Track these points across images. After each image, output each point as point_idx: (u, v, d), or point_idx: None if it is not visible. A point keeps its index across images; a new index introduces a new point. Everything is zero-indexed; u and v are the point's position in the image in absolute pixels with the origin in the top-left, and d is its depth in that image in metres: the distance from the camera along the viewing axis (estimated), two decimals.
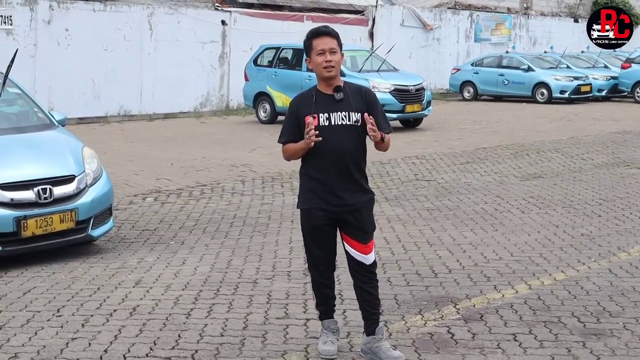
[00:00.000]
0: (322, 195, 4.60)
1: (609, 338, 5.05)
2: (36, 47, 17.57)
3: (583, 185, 10.74)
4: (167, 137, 15.86)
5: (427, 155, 13.36)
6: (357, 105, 4.58)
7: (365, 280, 4.69)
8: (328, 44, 4.53)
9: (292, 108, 4.68)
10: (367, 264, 4.67)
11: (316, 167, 4.60)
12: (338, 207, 4.59)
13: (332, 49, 4.53)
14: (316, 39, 4.56)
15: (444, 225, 8.36)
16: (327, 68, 4.52)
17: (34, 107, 8.14)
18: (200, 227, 8.32)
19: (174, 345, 4.93)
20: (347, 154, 4.55)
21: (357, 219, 4.62)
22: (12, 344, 4.95)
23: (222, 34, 21.55)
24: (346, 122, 4.55)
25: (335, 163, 4.54)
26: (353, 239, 4.64)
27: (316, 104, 4.56)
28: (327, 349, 4.72)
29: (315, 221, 4.63)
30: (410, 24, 27.66)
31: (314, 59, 4.55)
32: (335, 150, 4.52)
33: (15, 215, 6.64)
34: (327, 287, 4.78)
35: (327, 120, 4.53)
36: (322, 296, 4.79)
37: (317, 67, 4.54)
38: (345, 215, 4.61)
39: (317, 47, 4.53)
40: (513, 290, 6.06)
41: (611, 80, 26.20)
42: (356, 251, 4.65)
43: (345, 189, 4.58)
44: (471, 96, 26.01)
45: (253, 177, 11.38)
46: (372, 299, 4.72)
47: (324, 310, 4.82)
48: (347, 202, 4.59)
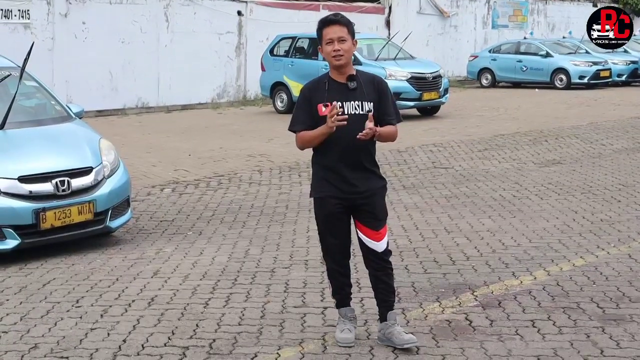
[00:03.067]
0: (335, 184, 4.60)
1: (628, 323, 5.02)
2: (54, 41, 17.65)
3: (602, 170, 10.66)
4: (185, 129, 15.90)
5: (445, 143, 13.31)
6: (369, 94, 4.57)
7: (378, 268, 4.70)
8: (337, 32, 4.51)
9: (304, 95, 4.65)
10: (379, 251, 4.67)
11: (329, 156, 4.58)
12: (351, 194, 4.60)
13: (341, 37, 4.51)
14: (325, 27, 4.55)
15: (461, 212, 8.32)
16: (336, 57, 4.51)
17: (51, 100, 8.18)
18: (217, 217, 8.34)
19: (191, 334, 4.95)
20: (359, 143, 4.53)
21: (370, 206, 4.63)
22: (32, 335, 4.99)
23: (238, 24, 21.54)
24: (359, 112, 4.54)
25: (347, 151, 4.54)
26: (365, 226, 4.65)
27: (329, 92, 4.55)
28: (344, 336, 4.73)
29: (329, 209, 4.63)
30: (427, 12, 27.52)
31: (324, 47, 4.55)
32: (348, 139, 4.50)
33: (34, 207, 6.69)
34: (343, 275, 4.79)
35: (340, 109, 4.51)
36: (338, 284, 4.79)
37: (327, 55, 4.55)
38: (358, 202, 4.62)
39: (326, 36, 4.53)
40: (531, 277, 6.03)
41: (631, 65, 25.96)
42: (368, 238, 4.66)
43: (357, 177, 4.59)
44: (489, 83, 25.85)
45: (270, 167, 11.38)
46: (385, 287, 4.73)
47: (340, 298, 4.82)
48: (359, 189, 4.60)
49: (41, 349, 4.75)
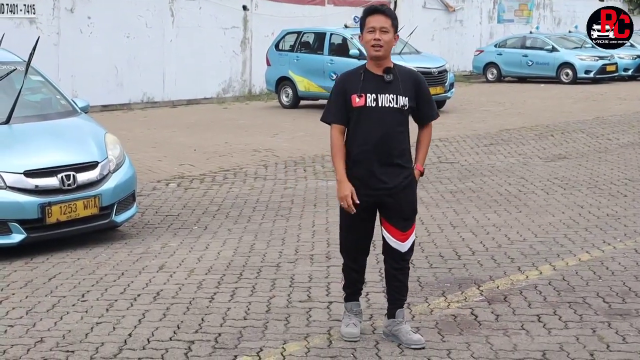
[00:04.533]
0: (361, 179, 4.49)
1: (634, 318, 5.01)
2: (59, 36, 17.65)
3: (608, 165, 10.63)
4: (190, 123, 15.91)
5: (450, 138, 13.29)
6: (406, 90, 4.50)
7: (396, 267, 4.66)
8: (380, 22, 4.44)
9: (338, 85, 4.56)
10: (403, 251, 4.62)
11: (358, 150, 4.49)
12: (379, 190, 4.50)
13: (384, 27, 4.44)
14: (370, 16, 4.48)
15: (467, 207, 8.31)
16: (375, 47, 4.43)
17: (57, 95, 8.18)
18: (223, 212, 8.34)
19: (197, 329, 4.95)
20: (391, 137, 4.47)
21: (398, 203, 4.54)
22: (38, 329, 5.00)
23: (244, 19, 21.52)
24: (393, 105, 4.46)
25: (378, 146, 4.45)
26: (391, 225, 4.58)
27: (364, 83, 4.46)
28: (350, 331, 4.71)
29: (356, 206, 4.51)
30: (432, 6, 27.45)
31: (364, 36, 4.47)
32: (379, 132, 4.43)
33: (39, 201, 6.70)
34: (356, 272, 4.73)
35: (374, 101, 4.45)
36: (351, 280, 4.75)
37: (366, 44, 4.47)
38: (386, 198, 4.52)
39: (369, 24, 4.45)
40: (537, 272, 6.02)
41: (637, 59, 25.89)
42: (393, 238, 4.59)
43: (386, 172, 4.49)
44: (495, 78, 25.79)
45: (276, 161, 11.38)
46: (399, 285, 4.70)
47: (351, 292, 4.79)
48: (388, 185, 4.50)
49: (47, 343, 4.76)
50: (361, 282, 4.81)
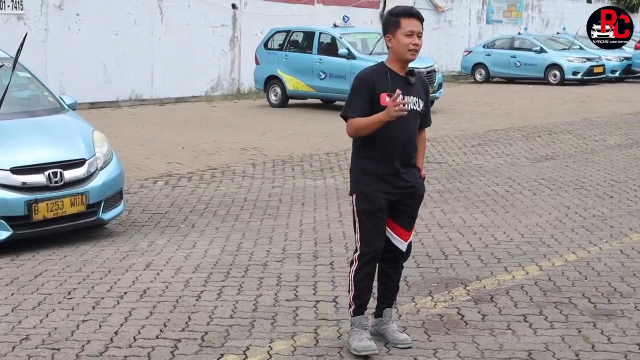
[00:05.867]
0: (385, 178, 4.45)
1: (619, 319, 5.04)
2: (47, 32, 17.58)
3: (595, 166, 10.68)
4: (178, 121, 15.88)
5: (439, 138, 13.32)
6: (421, 93, 4.54)
7: (391, 265, 4.65)
8: (418, 27, 4.42)
9: (365, 81, 4.45)
10: (403, 249, 4.61)
11: (381, 150, 4.44)
12: (401, 189, 4.49)
13: (420, 32, 4.43)
14: (406, 19, 4.42)
15: (454, 207, 8.33)
16: (412, 51, 4.39)
17: (44, 91, 8.15)
18: (210, 211, 8.33)
19: (183, 327, 4.95)
20: (411, 138, 4.50)
21: (412, 203, 4.56)
22: (24, 326, 4.98)
23: (233, 17, 21.49)
24: (416, 108, 4.48)
25: (402, 146, 4.45)
26: (399, 224, 4.56)
27: (392, 83, 4.41)
28: (366, 344, 4.48)
29: (380, 203, 4.45)
30: (421, 6, 27.42)
31: (401, 39, 4.39)
32: (404, 133, 4.43)
33: (26, 198, 6.67)
34: (372, 278, 4.57)
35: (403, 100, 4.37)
36: (364, 288, 4.52)
37: (402, 47, 4.40)
38: (404, 197, 4.51)
39: (407, 28, 4.39)
40: (523, 272, 6.05)
41: (624, 61, 26.02)
42: (398, 237, 4.57)
43: (407, 172, 4.51)
44: (483, 78, 25.87)
45: (264, 160, 11.38)
46: (392, 285, 4.69)
47: (361, 304, 4.55)
48: (409, 183, 4.51)
49: (32, 341, 4.74)
50: (371, 291, 4.60)
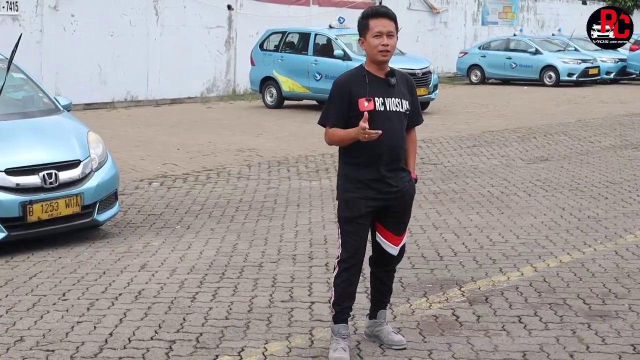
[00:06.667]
0: (369, 184, 4.34)
1: (614, 319, 5.05)
2: (42, 33, 17.55)
3: (590, 168, 10.70)
4: (174, 123, 15.86)
5: (434, 139, 13.33)
6: (405, 93, 4.41)
7: (383, 270, 4.59)
8: (386, 26, 4.29)
9: (341, 88, 4.33)
10: (394, 254, 4.54)
11: (365, 155, 4.31)
12: (387, 194, 4.36)
13: (390, 32, 4.28)
14: (374, 19, 4.30)
15: (450, 208, 8.34)
16: (383, 52, 4.27)
17: (39, 92, 8.14)
18: (206, 212, 8.33)
19: (178, 328, 4.94)
20: (399, 142, 4.37)
21: (402, 207, 4.44)
22: (18, 327, 4.97)
23: (229, 18, 21.49)
24: (399, 109, 4.34)
25: (388, 150, 4.32)
26: (388, 230, 4.47)
27: (370, 86, 4.30)
28: (338, 356, 4.38)
29: (360, 210, 4.34)
30: (417, 8, 27.54)
31: (370, 40, 4.29)
32: (389, 138, 4.28)
33: (20, 200, 6.66)
34: (353, 283, 4.45)
35: (382, 105, 4.29)
36: (344, 294, 4.43)
37: (372, 49, 4.28)
38: (391, 202, 4.39)
39: (375, 29, 4.27)
40: (518, 273, 6.05)
41: (619, 63, 26.07)
42: (388, 242, 4.49)
43: (394, 177, 4.38)
44: (478, 80, 25.91)
45: (259, 161, 11.37)
46: (384, 288, 4.66)
47: (341, 310, 4.45)
48: (396, 188, 4.38)
49: (27, 342, 4.73)
50: (353, 299, 4.51)
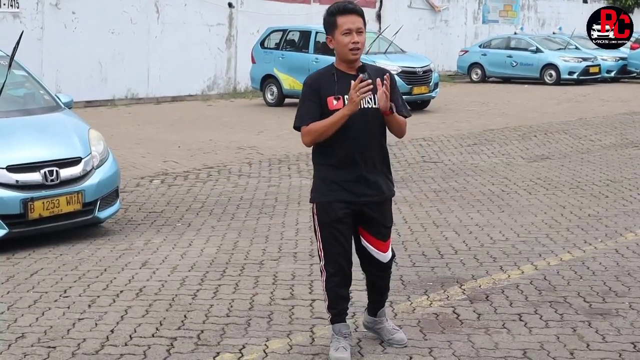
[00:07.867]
0: (345, 186, 4.21)
1: (614, 318, 5.05)
2: (43, 31, 17.56)
3: (590, 166, 10.70)
4: (174, 120, 15.87)
5: (434, 137, 13.33)
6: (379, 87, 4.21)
7: (379, 276, 4.52)
8: (355, 23, 4.15)
9: (311, 87, 4.22)
10: (385, 262, 4.45)
11: (340, 155, 4.19)
12: (363, 197, 4.24)
13: (359, 28, 4.15)
14: (342, 16, 4.15)
15: (450, 206, 8.35)
16: (353, 50, 4.14)
17: (40, 90, 8.14)
18: (206, 209, 8.33)
19: (179, 325, 4.95)
20: (374, 140, 4.23)
21: (381, 212, 4.33)
22: (20, 324, 4.98)
23: (229, 16, 21.49)
24: (372, 105, 4.18)
25: (362, 149, 4.19)
26: (372, 236, 4.36)
27: (339, 85, 4.18)
28: (339, 355, 4.31)
29: (336, 214, 4.22)
30: (417, 6, 27.52)
31: (339, 38, 4.15)
32: (362, 135, 4.16)
33: (22, 197, 6.66)
34: (344, 286, 4.36)
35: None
36: (336, 298, 4.34)
37: (342, 48, 4.15)
38: (369, 207, 4.27)
39: (343, 26, 4.13)
40: (519, 271, 6.06)
41: (620, 61, 26.07)
42: (375, 249, 4.39)
43: (369, 179, 4.24)
44: (479, 78, 25.91)
45: (260, 159, 11.38)
46: (382, 290, 4.63)
47: (337, 313, 4.37)
48: (372, 192, 4.26)
49: (28, 339, 4.74)
50: (347, 300, 4.41)
